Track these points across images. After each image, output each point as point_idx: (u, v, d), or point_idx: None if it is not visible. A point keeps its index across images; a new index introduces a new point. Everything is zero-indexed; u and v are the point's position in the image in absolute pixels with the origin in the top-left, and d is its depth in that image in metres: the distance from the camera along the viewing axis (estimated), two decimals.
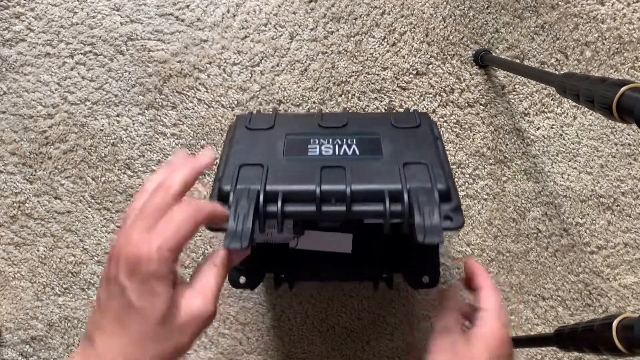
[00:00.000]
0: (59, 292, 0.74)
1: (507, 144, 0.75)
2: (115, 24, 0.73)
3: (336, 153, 0.47)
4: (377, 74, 0.74)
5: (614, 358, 0.43)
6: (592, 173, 0.75)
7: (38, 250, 0.74)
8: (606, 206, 0.75)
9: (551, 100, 0.75)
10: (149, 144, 0.74)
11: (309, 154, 0.47)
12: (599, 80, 0.43)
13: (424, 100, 0.74)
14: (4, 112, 0.73)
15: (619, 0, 0.75)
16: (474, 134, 0.74)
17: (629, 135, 0.75)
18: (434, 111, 0.74)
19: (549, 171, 0.75)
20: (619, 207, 0.75)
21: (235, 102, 0.74)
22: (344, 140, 0.48)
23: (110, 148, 0.74)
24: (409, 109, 0.65)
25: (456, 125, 0.74)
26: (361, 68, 0.74)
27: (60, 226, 0.74)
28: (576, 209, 0.75)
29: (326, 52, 0.74)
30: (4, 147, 0.74)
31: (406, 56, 0.74)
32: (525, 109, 0.75)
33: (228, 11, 0.74)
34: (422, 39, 0.74)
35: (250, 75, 0.74)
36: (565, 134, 0.75)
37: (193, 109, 0.73)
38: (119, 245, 0.32)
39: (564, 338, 0.49)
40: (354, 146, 0.48)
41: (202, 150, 0.41)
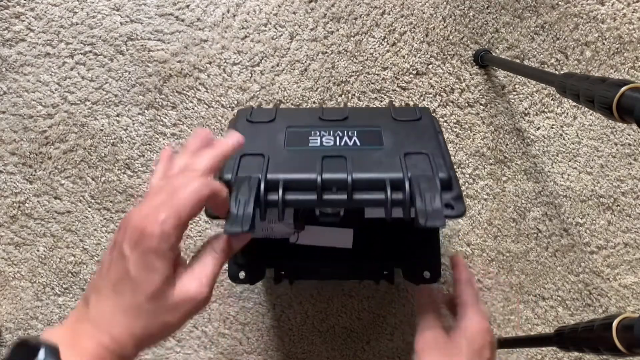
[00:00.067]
0: (59, 292, 0.74)
1: (507, 144, 0.75)
2: (115, 24, 0.73)
3: (337, 144, 0.47)
4: (377, 74, 0.74)
5: (614, 358, 0.43)
6: (592, 173, 0.75)
7: (38, 250, 0.74)
8: (606, 206, 0.75)
9: (551, 100, 0.75)
10: (149, 144, 0.74)
11: (310, 144, 0.47)
12: (599, 80, 0.43)
13: (424, 100, 0.74)
14: (4, 112, 0.73)
15: (619, 0, 0.75)
16: (474, 134, 0.74)
17: (629, 135, 0.75)
18: (434, 111, 0.74)
19: (549, 171, 0.75)
20: (619, 207, 0.75)
21: (235, 102, 0.74)
22: (345, 132, 0.48)
23: (110, 148, 0.74)
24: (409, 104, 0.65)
25: (456, 125, 0.74)
26: (361, 68, 0.74)
27: (60, 226, 0.74)
28: (576, 209, 0.75)
29: (326, 52, 0.74)
30: (4, 147, 0.74)
31: (406, 56, 0.74)
32: (525, 109, 0.75)
33: (228, 11, 0.74)
34: (422, 39, 0.74)
35: (250, 75, 0.74)
36: (566, 134, 0.75)
37: (193, 109, 0.73)
38: (130, 215, 0.33)
39: (564, 338, 0.49)
40: (354, 137, 0.48)
41: (228, 133, 0.41)
